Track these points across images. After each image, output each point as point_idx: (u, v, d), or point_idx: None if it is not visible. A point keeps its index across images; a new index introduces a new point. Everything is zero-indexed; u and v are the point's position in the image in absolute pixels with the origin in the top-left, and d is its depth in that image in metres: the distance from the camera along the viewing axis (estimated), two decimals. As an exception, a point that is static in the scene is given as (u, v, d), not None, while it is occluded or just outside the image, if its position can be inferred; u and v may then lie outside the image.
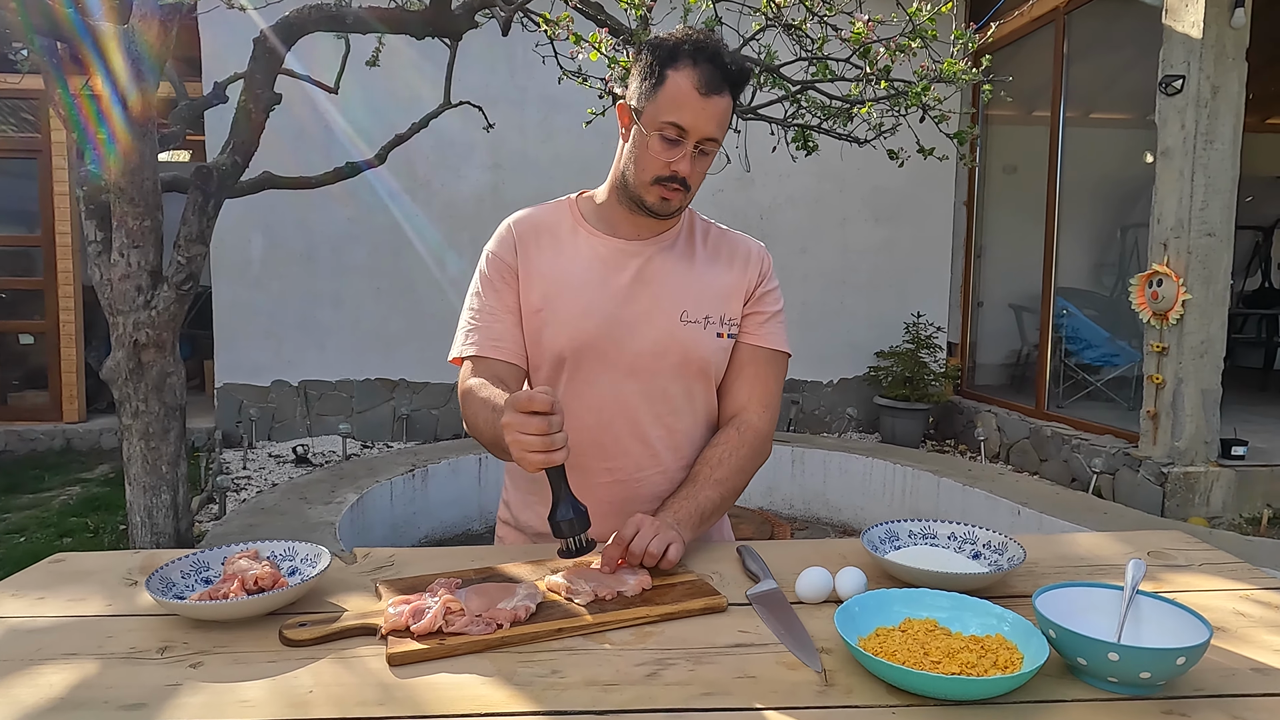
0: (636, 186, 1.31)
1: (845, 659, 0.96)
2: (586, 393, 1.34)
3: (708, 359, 1.38)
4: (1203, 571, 1.24)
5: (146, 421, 3.16)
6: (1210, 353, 4.30)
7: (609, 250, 1.37)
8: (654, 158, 1.27)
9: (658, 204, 1.31)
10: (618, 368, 1.35)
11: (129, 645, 0.98)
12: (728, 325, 1.39)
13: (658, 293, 1.36)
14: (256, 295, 6.01)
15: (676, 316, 1.36)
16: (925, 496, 4.82)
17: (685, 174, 1.27)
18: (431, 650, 0.95)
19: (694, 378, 1.38)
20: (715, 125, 1.26)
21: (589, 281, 1.35)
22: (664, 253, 1.38)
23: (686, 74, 1.25)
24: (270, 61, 3.18)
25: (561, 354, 1.34)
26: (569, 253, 1.37)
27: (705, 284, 1.39)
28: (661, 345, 1.35)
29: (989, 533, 1.26)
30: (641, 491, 1.37)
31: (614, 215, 1.38)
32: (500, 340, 1.36)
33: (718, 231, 1.47)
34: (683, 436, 1.39)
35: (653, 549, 1.14)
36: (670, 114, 1.25)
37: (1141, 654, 0.86)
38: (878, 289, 6.64)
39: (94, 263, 3.27)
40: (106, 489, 4.97)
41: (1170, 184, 4.31)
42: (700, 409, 1.41)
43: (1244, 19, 4.06)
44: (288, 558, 1.17)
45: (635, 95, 1.30)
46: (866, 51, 2.62)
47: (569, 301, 1.34)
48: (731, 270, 1.42)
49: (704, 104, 1.24)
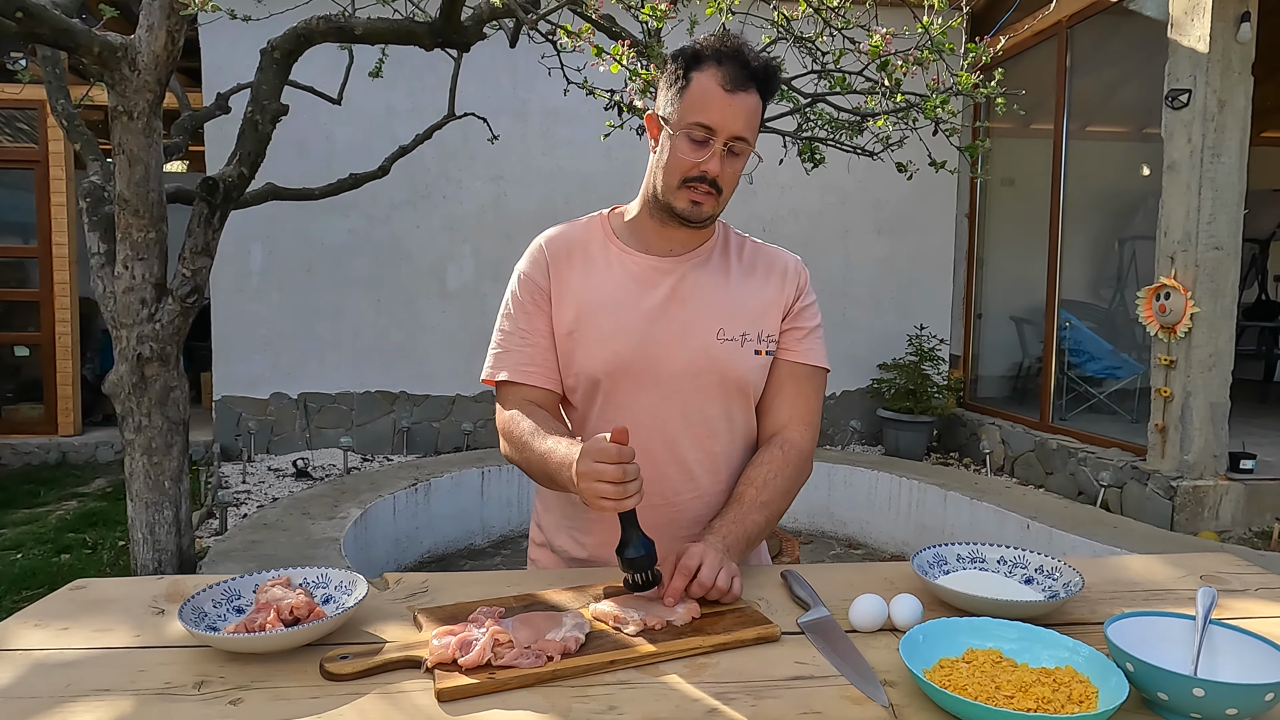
0: (665, 192, 1.28)
1: (910, 692, 0.93)
2: (621, 415, 1.30)
3: (746, 378, 1.34)
4: (1260, 596, 1.21)
5: (149, 436, 3.11)
6: (1218, 366, 4.29)
7: (641, 268, 1.34)
8: (681, 159, 1.25)
9: (688, 209, 1.27)
10: (654, 389, 1.31)
11: (163, 680, 0.93)
12: (765, 342, 1.36)
13: (693, 310, 1.32)
14: (256, 307, 5.95)
15: (713, 334, 1.32)
16: (932, 510, 4.79)
17: (715, 174, 1.24)
18: (482, 685, 0.91)
19: (732, 397, 1.35)
20: (743, 123, 1.23)
21: (622, 301, 1.32)
22: (698, 269, 1.35)
23: (711, 73, 1.23)
24: (278, 73, 3.15)
25: (595, 376, 1.31)
26: (601, 271, 1.34)
27: (741, 300, 1.36)
28: (697, 365, 1.31)
29: (1040, 556, 1.23)
30: (680, 516, 1.33)
31: (646, 231, 1.35)
32: (531, 365, 1.33)
33: (753, 245, 1.44)
34: (721, 459, 1.36)
35: (720, 583, 1.11)
36: (696, 114, 1.23)
37: (1229, 690, 0.82)
38: (880, 301, 6.63)
39: (97, 275, 3.22)
40: (104, 504, 4.89)
41: (1177, 197, 4.32)
42: (739, 430, 1.37)
43: (1250, 33, 4.08)
44: (321, 585, 1.13)
45: (663, 104, 1.28)
46: (885, 64, 2.61)
47: (602, 322, 1.31)
48: (769, 285, 1.38)
49: (729, 100, 1.22)
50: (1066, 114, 5.51)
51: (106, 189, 3.16)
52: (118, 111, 2.88)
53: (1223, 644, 0.95)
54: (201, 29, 5.55)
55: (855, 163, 4.05)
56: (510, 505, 5.10)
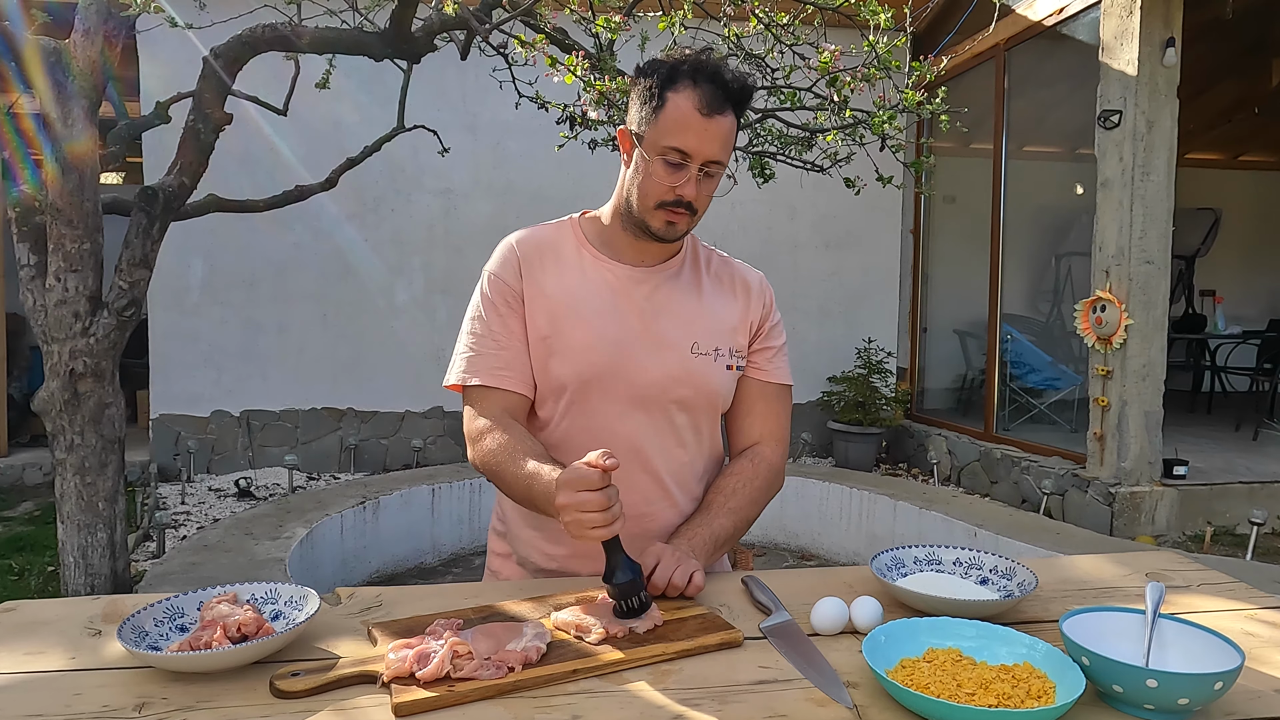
0: (641, 212, 1.27)
1: (874, 693, 0.93)
2: (590, 424, 1.29)
3: (718, 391, 1.35)
4: (1202, 592, 1.25)
5: (82, 455, 2.98)
6: (1152, 375, 4.45)
7: (616, 277, 1.33)
8: (657, 183, 1.24)
9: (663, 229, 1.27)
10: (625, 399, 1.30)
11: (100, 703, 0.89)
12: (736, 357, 1.37)
13: (669, 323, 1.32)
14: (195, 322, 5.78)
15: (688, 348, 1.32)
16: (882, 520, 4.86)
17: (691, 198, 1.24)
18: (441, 698, 0.88)
19: (703, 410, 1.35)
20: (719, 146, 1.23)
21: (598, 309, 1.30)
22: (671, 281, 1.35)
23: (687, 95, 1.21)
24: (220, 81, 3.07)
25: (566, 383, 1.29)
26: (575, 276, 1.32)
27: (714, 315, 1.36)
28: (673, 377, 1.31)
29: (994, 558, 1.25)
30: (649, 527, 1.32)
31: (618, 240, 1.35)
32: (506, 369, 1.30)
33: (719, 259, 1.44)
34: (689, 471, 1.36)
35: (676, 580, 1.10)
36: (672, 138, 1.22)
37: (1180, 680, 0.84)
38: (828, 315, 6.74)
39: (26, 288, 3.09)
40: (31, 528, 4.67)
41: (1110, 214, 4.48)
42: (706, 443, 1.38)
43: (1175, 57, 4.27)
44: (270, 600, 1.09)
45: (636, 120, 1.26)
46: (834, 80, 2.66)
47: (577, 329, 1.29)
48: (736, 301, 1.39)
49: (706, 125, 1.21)
50: (1005, 134, 5.69)
51: (38, 199, 3.04)
52: (51, 118, 2.78)
53: (1172, 637, 0.97)
54: (140, 36, 5.40)
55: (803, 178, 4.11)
56: (462, 522, 5.02)
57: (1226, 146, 8.59)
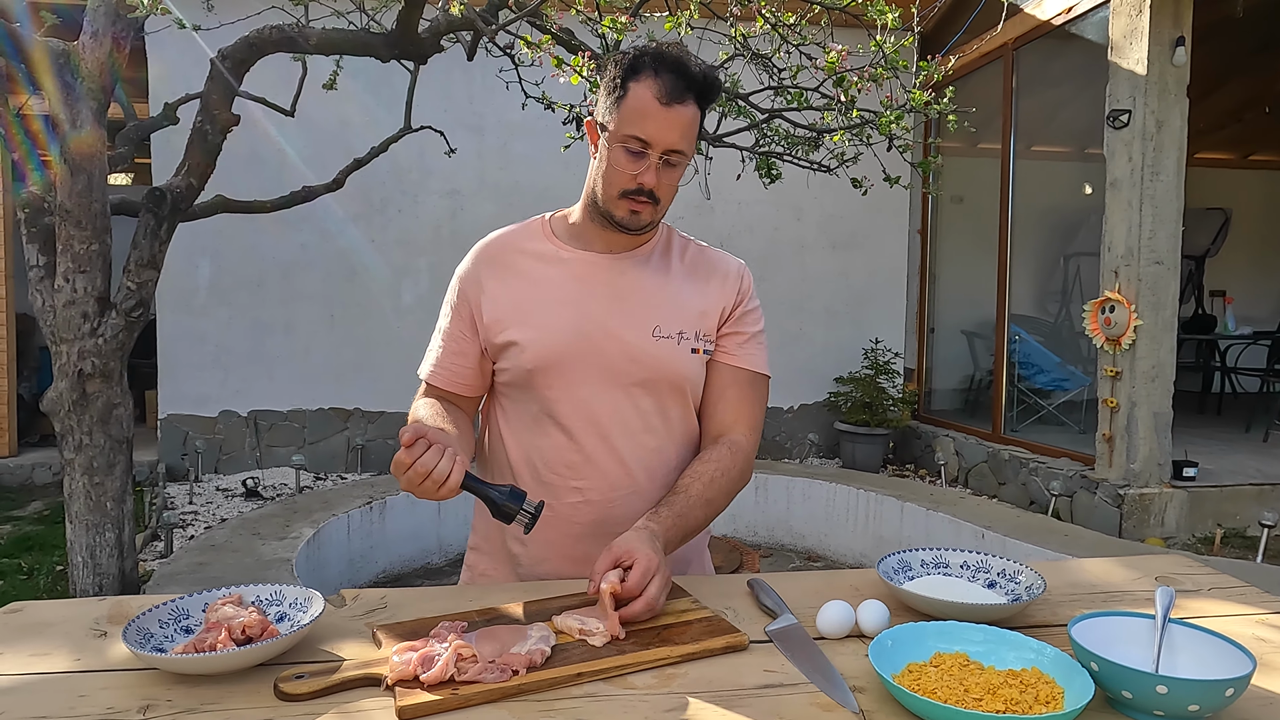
0: (605, 201, 1.29)
1: (880, 697, 0.92)
2: (556, 408, 1.32)
3: (682, 374, 1.34)
4: (1213, 596, 1.24)
5: (90, 455, 2.99)
6: (1161, 376, 4.42)
7: (581, 265, 1.35)
8: (619, 171, 1.26)
9: (627, 218, 1.29)
10: (587, 383, 1.31)
11: (105, 705, 0.89)
12: (703, 341, 1.36)
13: (629, 306, 1.33)
14: (204, 323, 5.80)
15: (648, 331, 1.33)
16: (889, 522, 4.84)
17: (651, 186, 1.25)
18: (445, 701, 0.88)
19: (668, 393, 1.35)
20: (679, 135, 1.24)
21: (559, 298, 1.33)
22: (638, 267, 1.36)
23: (648, 84, 1.23)
24: (228, 83, 3.08)
25: (529, 369, 1.31)
26: (539, 270, 1.35)
27: (681, 300, 1.36)
28: (631, 359, 1.32)
29: (1002, 561, 1.24)
30: (614, 513, 1.32)
31: (588, 233, 1.37)
32: (446, 369, 1.38)
33: (696, 248, 1.44)
34: (655, 456, 1.35)
35: (648, 596, 1.07)
36: (632, 126, 1.23)
37: (1191, 686, 0.84)
38: (835, 316, 6.72)
39: (35, 288, 3.10)
40: (40, 527, 4.70)
41: (1119, 214, 4.46)
42: (676, 428, 1.37)
43: (1184, 57, 4.24)
44: (275, 602, 1.09)
45: (601, 110, 1.29)
46: (841, 80, 2.65)
47: (537, 318, 1.32)
48: (709, 286, 1.39)
49: (665, 114, 1.22)
50: (1013, 133, 5.67)
51: (46, 199, 3.05)
52: (59, 120, 2.79)
53: (1182, 642, 0.96)
54: (149, 38, 5.42)
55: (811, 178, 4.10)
56: (468, 523, 4.99)
57: (1237, 146, 8.54)
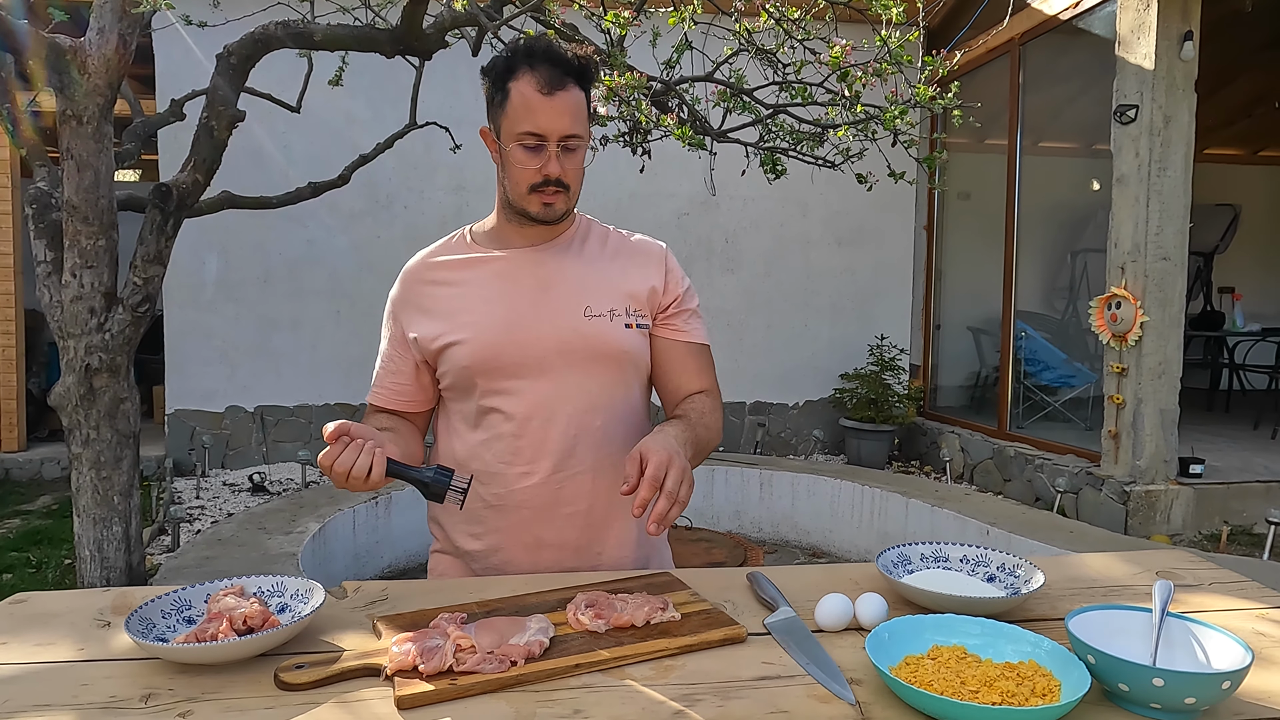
0: (517, 200, 1.32)
1: (877, 690, 0.92)
2: (501, 401, 1.33)
3: (621, 347, 1.36)
4: (1213, 591, 1.24)
5: (97, 450, 3.01)
6: (1168, 373, 4.40)
7: (505, 264, 1.37)
8: (523, 169, 1.28)
9: (542, 211, 1.31)
10: (527, 373, 1.33)
11: (108, 694, 0.90)
12: (635, 317, 1.38)
13: (558, 293, 1.35)
14: (211, 318, 5.83)
15: (580, 312, 1.35)
16: (894, 518, 4.83)
17: (556, 175, 1.28)
18: (444, 691, 0.89)
19: (610, 372, 1.36)
20: (569, 120, 1.27)
21: (488, 297, 1.35)
22: (559, 255, 1.38)
23: (525, 80, 1.26)
24: (234, 77, 3.09)
25: (469, 369, 1.33)
26: (465, 277, 1.37)
27: (607, 280, 1.39)
28: (565, 342, 1.33)
29: (1002, 555, 1.24)
30: (563, 493, 1.34)
31: (506, 234, 1.39)
32: (386, 387, 1.42)
33: (618, 235, 1.47)
34: (601, 434, 1.36)
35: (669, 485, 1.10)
36: (523, 123, 1.26)
37: (1188, 679, 0.84)
38: (841, 312, 6.71)
39: (43, 284, 3.12)
40: (49, 521, 4.73)
41: (1126, 210, 4.44)
42: (620, 406, 1.38)
43: (1193, 51, 4.22)
44: (276, 593, 1.10)
45: (490, 119, 1.33)
46: (845, 75, 2.64)
47: (469, 317, 1.34)
48: (633, 266, 1.41)
49: (550, 103, 1.26)
50: (1020, 129, 5.64)
51: (54, 195, 3.06)
52: (66, 116, 2.80)
53: (1180, 636, 0.96)
54: (155, 34, 5.44)
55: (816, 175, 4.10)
56: (473, 518, 5.03)
57: (1246, 142, 8.49)
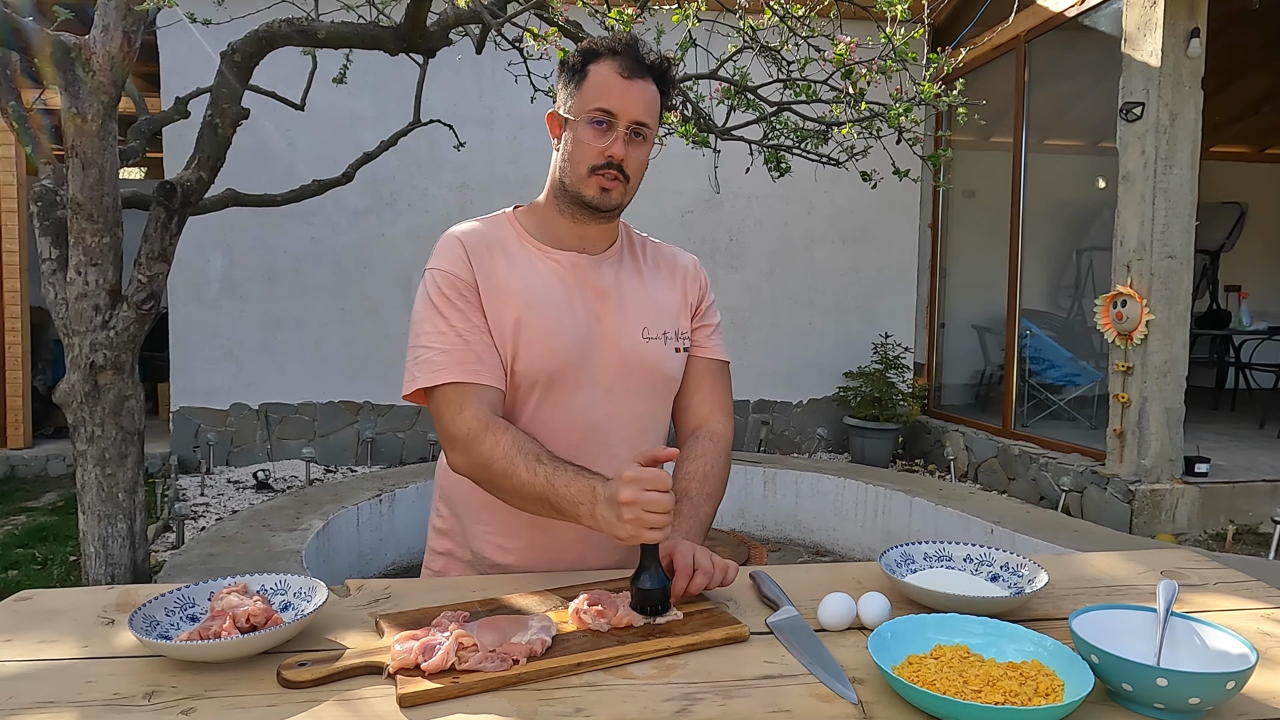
0: (574, 182, 1.30)
1: (879, 689, 0.92)
2: (557, 415, 1.30)
3: (672, 374, 1.38)
4: (1218, 591, 1.23)
5: (102, 447, 3.02)
6: (1173, 372, 4.39)
7: (564, 266, 1.34)
8: (588, 146, 1.27)
9: (597, 196, 1.29)
10: (589, 388, 1.31)
11: (111, 691, 0.90)
12: (681, 340, 1.40)
13: (620, 310, 1.34)
14: (216, 316, 5.84)
15: (639, 333, 1.34)
16: (898, 517, 4.83)
17: (620, 157, 1.27)
18: (445, 689, 0.89)
19: (660, 395, 1.38)
20: (643, 109, 1.27)
21: (554, 300, 1.30)
22: (614, 266, 1.37)
23: (607, 64, 1.27)
24: (239, 75, 3.09)
25: (535, 377, 1.28)
26: (525, 268, 1.32)
27: (658, 300, 1.39)
28: (629, 364, 1.33)
29: (1005, 554, 1.23)
30: None
31: (555, 227, 1.35)
32: (478, 363, 1.24)
33: (652, 245, 1.47)
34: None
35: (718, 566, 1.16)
36: (597, 100, 1.26)
37: (1191, 679, 0.83)
38: (845, 310, 6.70)
39: (48, 281, 3.13)
40: (54, 518, 4.74)
41: (1132, 207, 4.42)
42: (661, 429, 1.41)
43: (1199, 49, 4.20)
44: (279, 591, 1.10)
45: (562, 102, 1.32)
46: (849, 72, 2.64)
47: (538, 322, 1.28)
48: (674, 284, 1.43)
49: (628, 87, 1.26)
50: (1025, 127, 5.62)
51: (59, 193, 3.07)
52: (71, 114, 2.81)
53: (1184, 635, 0.96)
54: (160, 32, 5.45)
55: (820, 173, 4.09)
56: (477, 516, 5.04)
57: (1253, 139, 8.45)
